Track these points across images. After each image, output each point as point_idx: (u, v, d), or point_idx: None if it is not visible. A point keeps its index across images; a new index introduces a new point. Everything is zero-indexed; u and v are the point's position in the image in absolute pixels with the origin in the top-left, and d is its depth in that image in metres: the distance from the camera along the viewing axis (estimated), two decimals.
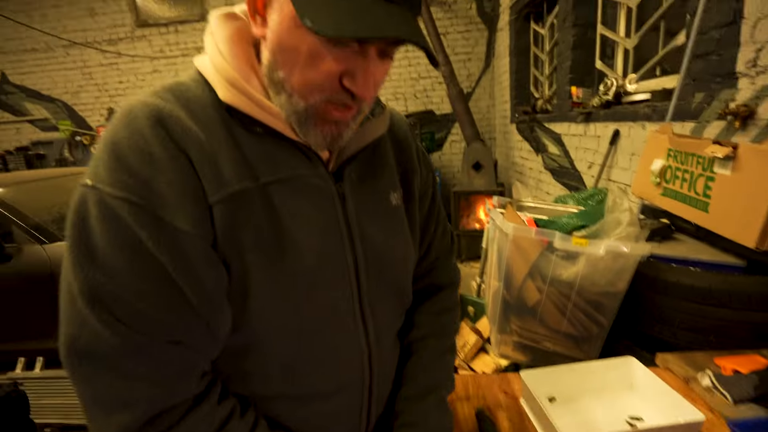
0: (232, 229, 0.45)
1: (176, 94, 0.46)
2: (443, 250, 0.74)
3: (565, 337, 1.04)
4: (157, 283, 0.41)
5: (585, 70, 2.52)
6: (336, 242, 0.52)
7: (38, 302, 2.03)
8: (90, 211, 0.41)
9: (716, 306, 0.88)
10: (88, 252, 0.40)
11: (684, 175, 1.06)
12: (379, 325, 0.59)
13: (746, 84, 1.21)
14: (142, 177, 0.41)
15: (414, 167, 0.64)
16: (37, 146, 5.46)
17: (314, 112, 0.45)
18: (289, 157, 0.49)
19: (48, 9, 5.05)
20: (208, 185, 0.43)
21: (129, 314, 0.41)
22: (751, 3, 1.16)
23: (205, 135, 0.44)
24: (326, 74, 0.42)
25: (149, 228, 0.41)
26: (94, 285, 0.40)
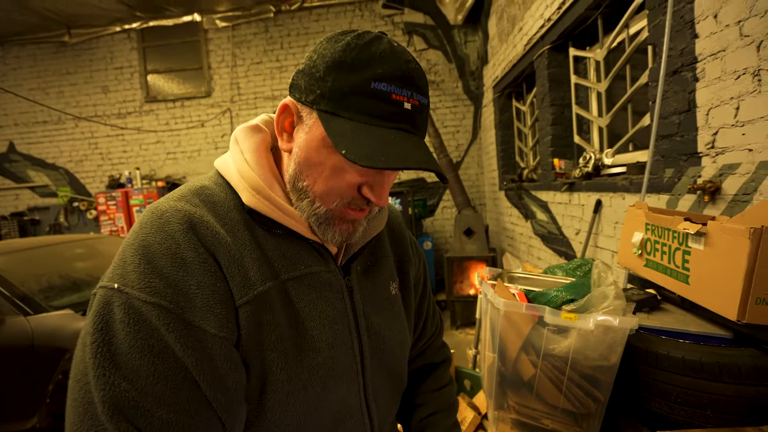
0: (256, 329, 0.47)
1: (203, 199, 0.50)
2: (435, 331, 0.78)
3: (563, 413, 1.02)
4: (179, 386, 0.42)
5: (564, 144, 2.71)
6: (345, 334, 0.55)
7: (13, 379, 1.93)
8: (115, 315, 0.42)
9: (708, 380, 0.88)
10: (111, 357, 0.41)
11: (663, 248, 1.12)
12: (381, 415, 0.60)
13: (709, 162, 1.32)
14: (172, 281, 0.43)
15: (409, 257, 0.69)
16: (34, 212, 5.51)
17: (333, 214, 0.51)
18: (304, 256, 0.53)
19: (65, 86, 5.41)
20: (235, 288, 0.46)
21: (149, 424, 0.40)
22: (701, 95, 1.32)
23: (231, 238, 0.48)
24: (348, 185, 0.49)
25: (177, 332, 0.42)
26: (117, 393, 0.40)
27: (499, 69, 3.81)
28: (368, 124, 0.45)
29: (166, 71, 5.38)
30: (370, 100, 0.45)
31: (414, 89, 0.47)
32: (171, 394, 0.41)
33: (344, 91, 0.45)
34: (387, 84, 0.45)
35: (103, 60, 5.34)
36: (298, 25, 5.16)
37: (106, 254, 2.80)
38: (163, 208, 0.48)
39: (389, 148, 0.44)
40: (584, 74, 2.52)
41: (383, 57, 0.46)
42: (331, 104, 0.46)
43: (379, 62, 0.46)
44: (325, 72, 0.46)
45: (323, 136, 0.47)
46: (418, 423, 0.71)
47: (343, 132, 0.45)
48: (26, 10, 4.68)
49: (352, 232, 0.53)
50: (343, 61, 0.46)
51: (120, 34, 5.30)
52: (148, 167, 5.42)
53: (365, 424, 0.57)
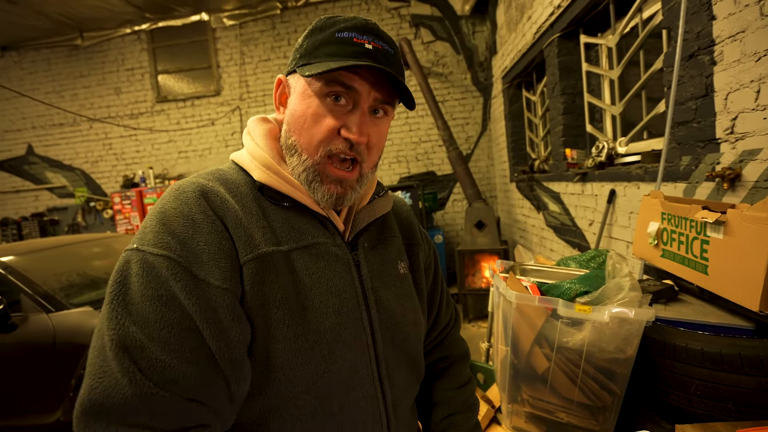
0: (259, 286, 0.50)
1: (217, 177, 0.56)
2: (450, 321, 0.78)
3: (578, 407, 1.01)
4: (183, 334, 0.45)
5: (576, 133, 2.66)
6: (353, 305, 0.57)
7: (37, 374, 1.99)
8: (131, 269, 0.47)
9: (729, 372, 0.86)
10: (125, 305, 0.45)
11: (680, 238, 1.09)
12: (395, 391, 0.61)
13: (728, 148, 1.28)
14: (182, 238, 0.48)
15: (418, 241, 0.72)
16: (53, 212, 5.65)
17: (320, 169, 0.54)
18: (311, 227, 0.57)
19: (79, 89, 5.51)
20: (240, 247, 0.50)
21: (151, 365, 0.43)
22: (719, 78, 1.27)
23: (240, 207, 0.53)
24: (327, 128, 0.53)
25: (183, 281, 0.46)
26: (124, 334, 0.44)
27: (508, 59, 3.74)
28: (333, 60, 0.51)
29: (176, 71, 5.43)
30: (336, 46, 0.52)
31: (374, 36, 0.54)
32: (175, 341, 0.44)
33: (315, 45, 0.54)
34: (348, 32, 0.53)
35: (114, 62, 5.42)
36: (305, 20, 5.15)
37: (122, 252, 2.86)
38: (180, 183, 0.54)
39: (346, 61, 0.51)
40: (596, 61, 2.46)
41: (345, 19, 0.55)
42: (305, 58, 0.54)
43: (342, 21, 0.54)
44: (302, 41, 0.56)
45: (303, 89, 0.54)
46: (438, 423, 0.71)
47: (311, 68, 0.52)
48: (40, 15, 4.76)
49: (342, 194, 0.56)
50: (315, 27, 0.55)
51: (130, 35, 5.36)
52: (161, 166, 5.50)
53: (377, 398, 0.58)
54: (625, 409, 1.02)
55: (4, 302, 2.02)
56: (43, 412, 1.98)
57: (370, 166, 0.57)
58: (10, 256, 2.33)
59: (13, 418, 2.01)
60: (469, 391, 0.75)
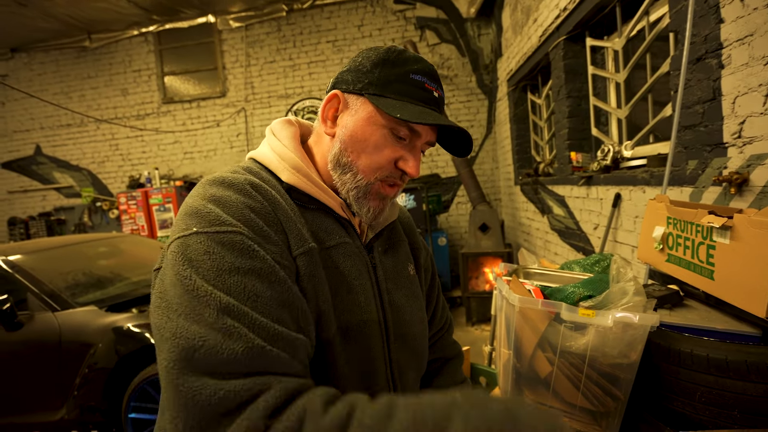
0: (309, 279, 0.52)
1: (253, 173, 0.57)
2: (444, 325, 0.82)
3: (581, 412, 1.00)
4: (268, 303, 0.45)
5: (582, 137, 2.65)
6: (372, 304, 0.60)
7: (42, 372, 2.01)
8: (197, 249, 0.45)
9: (735, 379, 0.84)
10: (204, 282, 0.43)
11: (686, 243, 1.08)
12: (405, 390, 0.63)
13: (735, 153, 1.27)
14: (246, 220, 0.49)
15: (419, 245, 0.76)
16: (60, 212, 5.71)
17: (371, 188, 0.59)
18: (336, 229, 0.60)
19: (87, 90, 5.57)
20: (293, 241, 0.53)
21: (252, 323, 0.42)
22: (727, 82, 1.26)
23: (284, 202, 0.55)
24: (387, 158, 0.58)
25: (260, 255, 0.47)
26: (219, 301, 0.43)
27: (514, 62, 3.74)
28: (408, 102, 0.56)
29: (182, 73, 5.47)
30: (410, 87, 0.57)
31: (438, 84, 0.60)
32: (263, 308, 0.44)
33: (390, 79, 0.57)
34: (421, 76, 0.58)
35: (121, 63, 5.47)
36: (310, 23, 5.18)
37: (127, 252, 2.88)
38: (223, 175, 0.53)
39: (430, 116, 0.55)
40: (602, 65, 2.45)
41: (416, 59, 0.59)
42: (379, 88, 0.57)
43: (413, 62, 0.59)
44: (371, 67, 0.58)
45: (369, 116, 0.57)
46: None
47: (393, 105, 0.55)
48: (49, 17, 4.82)
49: (381, 210, 0.60)
50: (387, 59, 0.58)
51: (137, 37, 5.41)
52: (167, 167, 5.54)
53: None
54: (628, 415, 1.01)
55: (11, 300, 2.04)
56: (47, 410, 1.99)
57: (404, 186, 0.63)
58: (18, 254, 2.35)
59: (18, 415, 2.03)
60: (465, 389, 0.77)
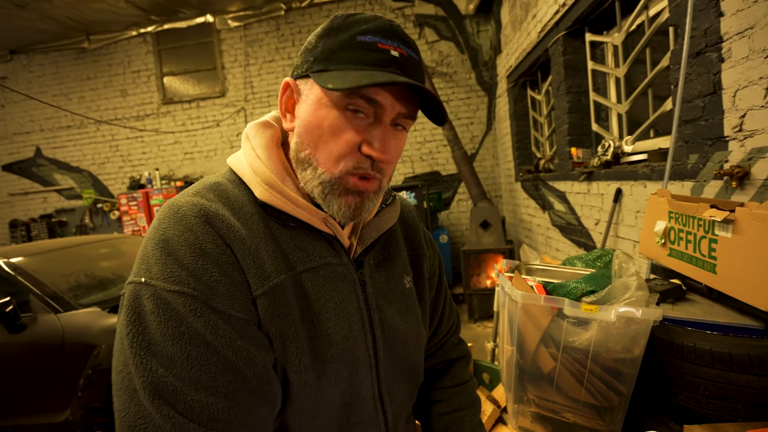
0: (273, 320, 0.48)
1: (217, 194, 0.51)
2: (451, 327, 0.76)
3: (585, 407, 1.00)
4: (212, 370, 0.43)
5: (582, 132, 2.64)
6: (359, 327, 0.54)
7: (46, 374, 2.01)
8: (145, 307, 0.43)
9: (738, 372, 0.85)
10: (147, 345, 0.42)
11: (688, 237, 1.08)
12: (395, 407, 0.60)
13: (736, 146, 1.26)
14: (193, 270, 0.44)
15: (423, 251, 0.68)
16: (61, 214, 5.71)
17: (339, 182, 0.50)
18: (318, 248, 0.53)
19: (86, 92, 5.57)
20: (252, 279, 0.47)
21: (189, 407, 0.41)
22: (727, 76, 1.26)
23: (246, 231, 0.49)
24: (347, 143, 0.48)
25: (204, 317, 0.43)
26: (155, 379, 0.41)
27: (513, 58, 3.73)
28: (357, 69, 0.46)
29: (182, 73, 5.46)
30: (358, 51, 0.47)
31: (399, 41, 0.49)
32: (206, 378, 0.42)
33: (333, 49, 0.48)
34: (372, 35, 0.47)
35: (121, 64, 5.47)
36: (309, 21, 5.16)
37: (129, 253, 2.88)
38: (179, 203, 0.48)
39: (370, 76, 0.45)
40: (601, 60, 2.44)
41: (367, 19, 0.49)
42: (322, 63, 0.48)
43: (364, 22, 0.48)
44: (315, 40, 0.50)
45: (318, 97, 0.49)
46: (439, 418, 0.69)
47: (332, 77, 0.46)
48: (48, 18, 4.82)
49: (359, 205, 0.51)
50: (331, 27, 0.49)
51: (136, 38, 5.40)
52: (167, 168, 5.54)
53: (378, 419, 0.57)
54: (632, 410, 1.01)
55: (13, 303, 2.04)
56: (52, 412, 2.00)
57: (387, 180, 0.54)
58: (20, 257, 2.35)
59: (23, 417, 2.04)
60: (470, 389, 0.74)
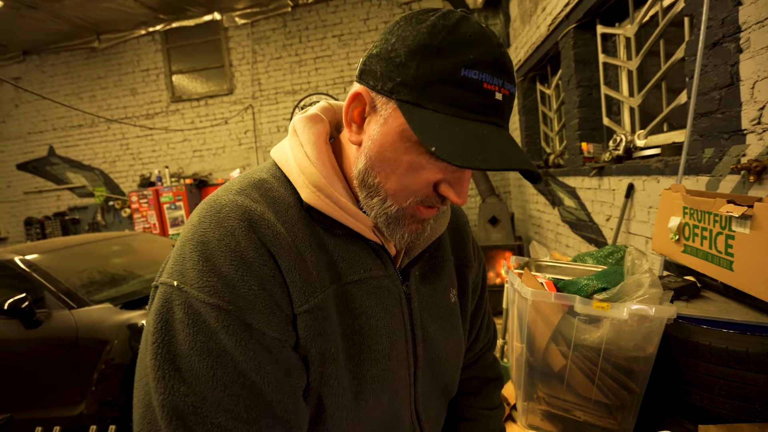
0: (315, 340, 0.45)
1: (262, 193, 0.47)
2: (488, 342, 0.74)
3: (596, 405, 0.98)
4: (238, 391, 0.40)
5: (593, 127, 2.60)
6: (401, 344, 0.52)
7: (61, 368, 2.06)
8: (175, 315, 0.40)
9: (756, 371, 0.82)
10: (171, 358, 0.40)
11: (703, 233, 1.05)
12: (430, 424, 0.58)
13: (754, 140, 1.23)
14: (231, 281, 0.41)
15: (470, 263, 0.65)
16: (74, 211, 5.82)
17: (404, 213, 0.47)
18: (364, 258, 0.50)
19: (97, 91, 5.65)
20: (295, 294, 0.44)
21: (207, 429, 0.39)
22: (746, 66, 1.22)
23: (291, 238, 0.45)
24: (424, 183, 0.45)
25: (237, 335, 0.40)
26: (175, 398, 0.39)
27: (522, 52, 3.68)
28: (456, 116, 0.40)
29: (190, 71, 5.50)
30: (460, 90, 0.40)
31: (505, 77, 0.42)
32: (230, 401, 0.39)
33: (430, 79, 0.40)
34: (478, 72, 0.40)
35: (130, 63, 5.53)
36: (316, 18, 5.15)
37: (140, 250, 2.92)
38: (222, 201, 0.45)
39: (483, 145, 0.40)
40: (613, 52, 2.40)
41: (473, 40, 0.41)
42: (414, 94, 0.41)
43: (470, 46, 0.40)
44: (407, 57, 0.41)
45: (401, 128, 0.43)
46: None
47: (430, 126, 0.40)
48: (58, 18, 4.88)
49: (420, 233, 0.49)
50: (430, 44, 0.40)
51: (145, 37, 5.45)
52: (176, 165, 5.59)
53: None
54: (645, 409, 1.00)
55: (29, 299, 2.09)
56: (67, 405, 2.04)
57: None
58: (34, 254, 2.40)
59: (40, 409, 2.08)
60: (500, 416, 0.71)
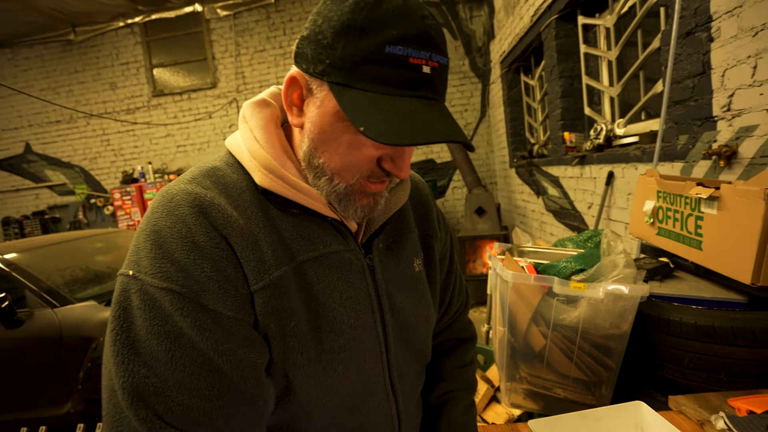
0: (273, 316, 0.46)
1: (214, 180, 0.48)
2: (461, 306, 0.77)
3: (574, 382, 1.03)
4: (197, 371, 0.41)
5: (575, 116, 2.65)
6: (368, 314, 0.53)
7: (46, 368, 2.02)
8: (132, 302, 0.42)
9: (722, 344, 0.87)
10: (130, 344, 0.41)
11: (675, 215, 1.10)
12: (406, 390, 0.60)
13: (725, 126, 1.28)
14: (184, 265, 0.42)
15: (435, 232, 0.66)
16: (54, 210, 5.68)
17: (353, 189, 0.48)
18: (323, 235, 0.51)
19: (74, 85, 5.49)
20: (250, 273, 0.45)
21: (169, 409, 0.40)
22: (716, 55, 1.26)
23: (244, 221, 0.46)
24: (366, 159, 0.46)
25: (191, 316, 0.41)
26: (135, 380, 0.40)
27: (506, 43, 3.71)
28: (385, 94, 0.42)
29: (171, 64, 5.39)
30: (386, 67, 0.41)
31: (433, 49, 0.42)
32: (190, 380, 0.41)
33: (356, 59, 0.41)
34: (403, 47, 0.41)
35: (108, 56, 5.39)
36: (300, 9, 5.09)
37: (124, 247, 2.88)
38: (173, 191, 0.46)
39: (411, 121, 0.41)
40: (594, 43, 2.44)
41: (397, 15, 0.41)
42: (343, 75, 0.42)
43: (393, 21, 0.41)
44: (333, 38, 0.42)
45: (336, 110, 0.44)
46: (438, 397, 0.71)
47: (359, 105, 0.42)
48: (31, 10, 4.72)
49: (373, 206, 0.51)
50: (353, 24, 0.41)
51: (123, 29, 5.31)
52: (160, 161, 5.50)
53: (389, 401, 0.57)
54: (620, 384, 1.04)
55: (8, 298, 2.04)
56: (53, 405, 2.02)
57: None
58: (13, 253, 2.34)
59: (25, 410, 2.05)
60: (470, 371, 0.75)
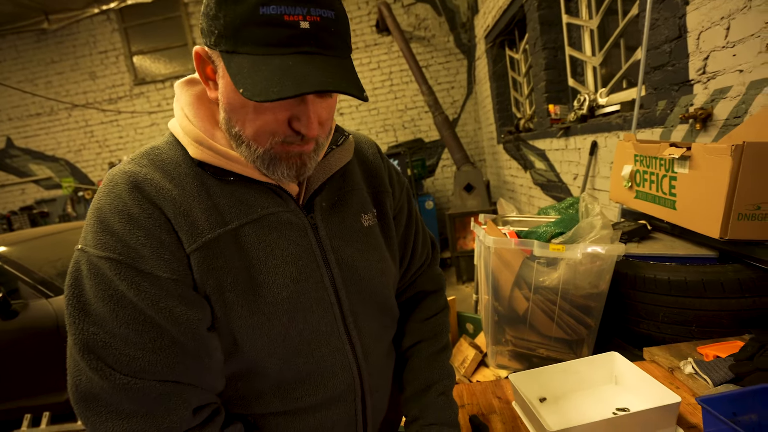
0: (209, 274, 0.50)
1: (151, 158, 0.53)
2: (426, 260, 0.78)
3: (556, 342, 1.07)
4: (140, 327, 0.47)
5: (559, 88, 2.65)
6: (312, 268, 0.57)
7: (45, 356, 2.05)
8: (82, 271, 0.48)
9: (693, 297, 0.91)
10: (81, 306, 0.47)
11: (651, 177, 1.13)
12: (366, 340, 0.62)
13: (700, 89, 1.30)
14: (120, 235, 0.47)
15: (385, 189, 0.68)
16: (41, 204, 5.60)
17: (275, 153, 0.50)
18: (261, 199, 0.54)
19: (52, 76, 5.33)
20: (184, 236, 0.49)
21: (117, 359, 0.46)
22: (692, 18, 1.27)
23: (178, 191, 0.50)
24: (274, 121, 0.48)
25: (128, 279, 0.46)
26: (86, 336, 0.46)
27: (490, 17, 3.66)
28: (267, 54, 0.43)
29: (152, 51, 5.25)
30: (262, 28, 0.42)
31: (310, 4, 0.43)
32: (134, 335, 0.47)
33: (236, 25, 0.43)
34: (276, 6, 0.42)
35: (86, 45, 5.23)
36: None
37: None
38: (113, 173, 0.51)
39: (285, 77, 0.42)
40: (576, 12, 2.43)
41: None
42: (230, 42, 0.44)
43: None
44: (216, 8, 0.44)
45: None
46: (405, 352, 0.73)
47: (241, 69, 0.44)
48: None
49: (301, 165, 0.52)
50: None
51: (99, 15, 5.14)
52: None
53: (345, 350, 0.60)
54: (600, 342, 1.09)
55: (2, 291, 2.05)
56: (53, 392, 2.05)
57: (324, 136, 0.54)
58: (3, 246, 2.34)
59: (27, 398, 2.09)
60: (438, 320, 0.75)
